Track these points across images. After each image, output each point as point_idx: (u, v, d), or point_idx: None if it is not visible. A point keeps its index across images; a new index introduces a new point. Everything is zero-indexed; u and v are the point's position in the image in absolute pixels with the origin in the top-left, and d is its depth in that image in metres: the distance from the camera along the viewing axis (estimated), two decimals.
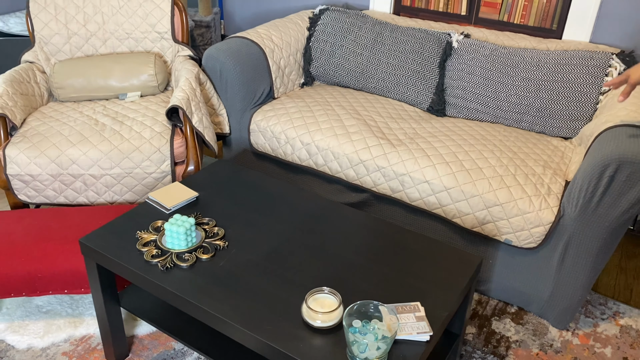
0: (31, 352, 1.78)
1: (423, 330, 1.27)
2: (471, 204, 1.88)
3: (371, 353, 1.17)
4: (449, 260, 1.51)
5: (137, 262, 1.46)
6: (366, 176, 2.06)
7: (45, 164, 2.00)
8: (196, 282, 1.40)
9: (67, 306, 1.95)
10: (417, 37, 2.41)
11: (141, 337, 1.86)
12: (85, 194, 2.07)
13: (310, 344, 1.24)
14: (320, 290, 1.32)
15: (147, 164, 2.05)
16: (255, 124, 2.28)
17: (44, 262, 1.75)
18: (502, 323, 1.97)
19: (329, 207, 1.71)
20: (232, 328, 1.30)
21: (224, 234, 1.57)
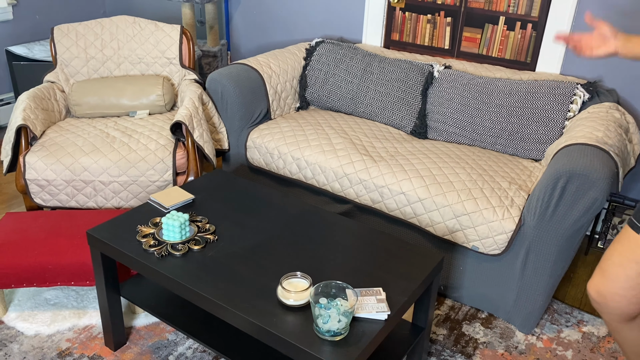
0: (38, 338, 1.96)
1: (382, 310, 1.44)
2: (442, 213, 2.06)
3: (333, 324, 1.34)
4: (413, 256, 1.69)
5: (137, 251, 1.65)
6: (350, 188, 2.26)
7: (60, 170, 2.22)
8: (188, 268, 1.59)
9: (72, 300, 2.14)
10: (402, 67, 2.65)
11: (138, 328, 2.03)
12: (95, 199, 2.29)
13: (284, 320, 1.42)
14: (294, 274, 1.51)
15: (151, 173, 2.27)
16: (252, 141, 2.50)
17: (54, 256, 1.95)
18: (472, 327, 2.12)
19: (310, 210, 1.90)
20: (217, 307, 1.48)
21: (215, 230, 1.76)
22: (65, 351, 1.91)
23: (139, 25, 2.71)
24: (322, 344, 1.35)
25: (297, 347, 1.35)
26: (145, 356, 1.91)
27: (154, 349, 1.94)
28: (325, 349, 1.34)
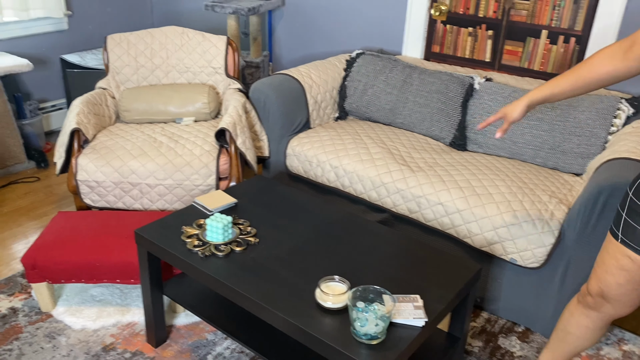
0: (84, 332, 2.04)
1: (419, 317, 1.46)
2: (480, 225, 2.06)
3: (370, 328, 1.37)
4: (451, 266, 1.70)
5: (182, 250, 1.72)
6: (387, 197, 2.28)
7: (109, 172, 2.32)
8: (230, 268, 1.65)
9: (117, 297, 2.22)
10: (442, 79, 2.67)
11: (179, 327, 2.10)
12: (141, 201, 2.38)
13: (321, 321, 1.45)
14: (332, 278, 1.54)
15: (195, 177, 2.35)
16: (292, 149, 2.56)
17: (102, 254, 2.04)
18: (509, 340, 2.10)
19: (347, 217, 1.94)
20: (257, 306, 1.53)
21: (256, 233, 1.82)
22: (110, 346, 1.98)
23: (187, 36, 2.82)
24: (359, 347, 1.38)
25: (334, 348, 1.38)
26: (184, 354, 1.97)
27: (193, 348, 2.00)
28: (362, 351, 1.37)
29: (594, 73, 1.40)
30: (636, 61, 1.33)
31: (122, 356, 1.94)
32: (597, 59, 1.40)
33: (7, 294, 2.22)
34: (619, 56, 1.36)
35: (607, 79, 1.40)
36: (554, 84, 1.48)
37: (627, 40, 1.35)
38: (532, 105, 1.54)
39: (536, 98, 1.52)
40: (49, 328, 2.05)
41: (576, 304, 1.60)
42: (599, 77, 1.40)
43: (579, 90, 1.45)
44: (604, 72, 1.39)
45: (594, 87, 1.43)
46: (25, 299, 2.19)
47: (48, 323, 2.07)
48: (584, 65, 1.43)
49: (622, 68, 1.36)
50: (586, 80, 1.42)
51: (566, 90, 1.47)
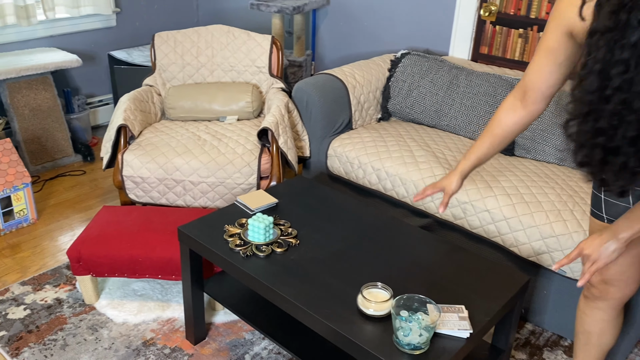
0: (126, 326, 2.07)
1: (464, 328, 1.41)
2: (528, 234, 1.99)
3: (414, 338, 1.33)
4: (497, 276, 1.65)
5: (223, 249, 1.72)
6: (430, 202, 2.23)
7: (154, 168, 2.35)
8: (270, 269, 1.63)
9: (157, 292, 2.25)
10: (490, 81, 2.59)
11: (217, 324, 2.10)
12: (184, 198, 2.40)
13: (363, 328, 1.43)
14: (375, 285, 1.51)
15: (237, 176, 2.35)
16: (333, 150, 2.54)
17: (145, 249, 2.06)
18: (554, 354, 2.03)
19: (390, 221, 1.90)
20: (297, 309, 1.51)
21: (297, 234, 1.80)
22: (150, 341, 2.01)
23: (233, 35, 2.83)
24: (401, 357, 1.35)
25: (376, 357, 1.35)
26: (222, 353, 1.97)
27: (231, 347, 2.00)
28: None
29: (504, 126, 1.48)
30: (535, 104, 1.43)
31: (162, 352, 1.96)
32: (501, 114, 1.49)
33: (53, 284, 2.27)
34: (519, 106, 1.45)
35: (517, 128, 1.48)
36: (476, 149, 1.55)
37: (519, 89, 1.44)
38: (464, 174, 1.59)
39: (466, 168, 1.58)
40: (92, 320, 2.09)
41: (585, 302, 1.63)
42: (509, 128, 1.48)
43: (498, 147, 1.53)
44: (512, 123, 1.47)
45: (509, 138, 1.51)
46: (70, 290, 2.24)
47: (91, 315, 2.11)
48: (492, 123, 1.51)
49: (525, 115, 1.45)
50: (500, 135, 1.50)
51: (488, 151, 1.54)
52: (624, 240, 1.33)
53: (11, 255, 2.47)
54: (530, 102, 1.42)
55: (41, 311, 2.12)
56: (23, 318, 2.08)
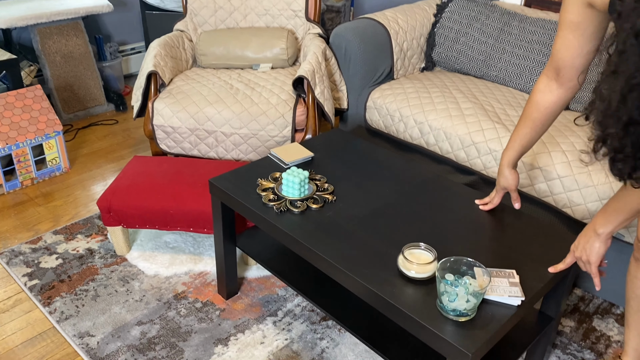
0: (157, 278, 2.04)
1: (515, 295, 1.30)
2: (584, 194, 1.84)
3: (460, 304, 1.23)
4: (551, 239, 1.51)
5: (256, 204, 1.63)
6: (477, 159, 2.09)
7: (185, 118, 2.26)
8: (306, 226, 1.54)
9: (190, 245, 2.20)
10: (546, 28, 2.38)
11: (250, 279, 2.05)
12: (216, 150, 2.31)
13: (403, 291, 1.33)
14: (417, 245, 1.40)
15: (271, 128, 2.24)
16: (372, 101, 2.39)
17: (176, 201, 2.00)
18: (605, 322, 1.90)
19: (434, 179, 1.77)
20: (333, 268, 1.42)
21: (333, 190, 1.70)
22: (181, 294, 1.97)
23: None
24: (445, 323, 1.25)
25: (417, 322, 1.26)
26: (255, 308, 1.92)
27: (263, 302, 1.94)
28: (448, 328, 1.24)
29: (542, 109, 1.41)
30: (571, 81, 1.35)
31: (193, 305, 1.92)
32: (537, 97, 1.41)
33: (85, 234, 2.25)
34: (554, 86, 1.38)
35: (557, 108, 1.40)
36: (518, 137, 1.49)
37: (551, 68, 1.36)
38: (513, 165, 1.55)
39: (512, 158, 1.53)
40: (123, 272, 2.06)
41: (636, 265, 1.50)
42: (548, 110, 1.41)
43: (541, 130, 1.46)
44: (550, 104, 1.40)
45: (551, 120, 1.44)
46: (102, 241, 2.22)
47: (122, 267, 2.08)
48: (530, 107, 1.44)
49: (563, 93, 1.37)
50: (539, 119, 1.43)
51: (531, 137, 1.48)
52: (604, 235, 1.31)
53: (44, 203, 2.45)
54: (566, 79, 1.35)
55: (73, 261, 2.10)
56: (55, 267, 2.07)
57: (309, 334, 1.82)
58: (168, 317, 1.87)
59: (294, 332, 1.83)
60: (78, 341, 1.76)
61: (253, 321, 1.87)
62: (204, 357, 1.73)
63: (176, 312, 1.89)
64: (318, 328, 1.85)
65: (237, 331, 1.82)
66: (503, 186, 1.59)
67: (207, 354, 1.73)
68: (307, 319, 1.88)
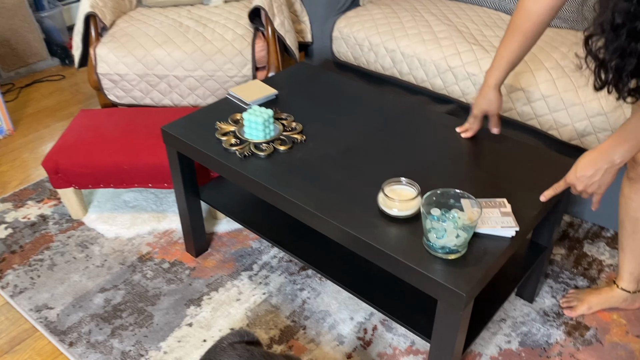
0: (118, 240, 1.87)
1: (508, 225, 1.17)
2: (571, 113, 1.71)
3: (449, 240, 1.10)
4: (540, 163, 1.39)
5: (216, 150, 1.46)
6: (454, 85, 1.93)
7: (132, 63, 2.04)
8: (274, 170, 1.38)
9: (152, 202, 2.03)
10: None
11: (220, 234, 1.90)
12: (170, 97, 2.11)
13: (386, 231, 1.19)
14: (398, 181, 1.26)
15: (229, 67, 2.04)
16: (338, 31, 2.19)
17: (129, 155, 1.81)
18: (596, 247, 1.82)
19: (410, 109, 1.62)
20: (308, 214, 1.28)
21: (302, 129, 1.53)
22: (146, 255, 1.81)
23: None
24: (434, 262, 1.12)
25: (403, 263, 1.13)
26: (228, 264, 1.78)
27: (237, 257, 1.81)
28: (438, 267, 1.11)
29: (534, 18, 1.27)
30: None
31: (160, 267, 1.77)
32: (529, 4, 1.26)
33: (36, 200, 2.06)
34: None
35: (551, 14, 1.26)
36: (505, 53, 1.33)
37: None
38: (499, 86, 1.40)
39: (499, 78, 1.38)
40: (80, 237, 1.89)
41: (629, 185, 1.41)
42: (541, 18, 1.26)
43: (531, 43, 1.32)
44: (544, 9, 1.25)
45: (541, 30, 1.29)
46: (55, 205, 2.03)
47: (80, 231, 1.91)
48: (519, 18, 1.29)
49: None
50: (531, 30, 1.29)
51: (519, 52, 1.33)
52: (620, 163, 1.15)
53: None
54: None
55: (24, 229, 1.92)
56: (5, 238, 1.88)
57: (288, 286, 1.70)
58: (133, 281, 1.72)
59: (272, 286, 1.70)
60: (35, 315, 1.61)
61: (227, 278, 1.73)
62: (176, 320, 1.59)
63: (142, 275, 1.74)
64: (297, 279, 1.73)
65: (210, 290, 1.69)
66: (483, 109, 1.44)
67: (178, 317, 1.60)
68: (285, 271, 1.75)
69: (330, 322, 1.58)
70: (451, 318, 1.13)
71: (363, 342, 1.53)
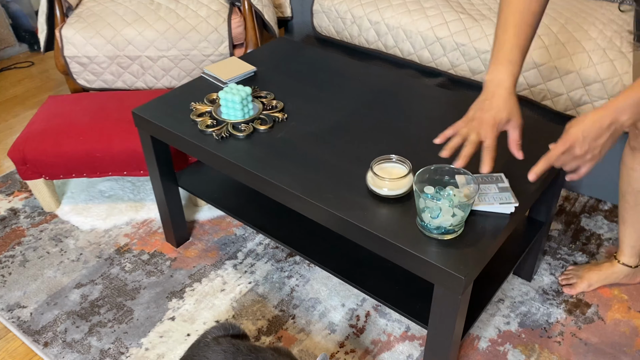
0: (94, 232, 1.77)
1: (507, 201, 1.09)
2: (565, 82, 1.63)
3: (445, 220, 1.02)
4: (537, 134, 1.31)
5: (192, 132, 1.36)
6: (443, 57, 1.84)
7: (101, 44, 1.92)
8: (254, 152, 1.29)
9: (128, 191, 1.92)
10: None
11: (202, 222, 1.81)
12: (143, 79, 1.99)
13: (376, 213, 1.11)
14: (388, 158, 1.17)
15: (204, 45, 1.93)
16: (319, 4, 2.08)
17: (102, 142, 1.70)
18: (593, 220, 1.76)
19: (397, 83, 1.53)
20: (291, 197, 1.19)
21: (283, 107, 1.44)
22: (124, 247, 1.72)
23: None
24: (429, 244, 1.04)
25: (395, 246, 1.05)
26: (210, 253, 1.69)
27: (220, 245, 1.72)
28: (433, 249, 1.03)
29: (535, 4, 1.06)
30: None
31: (139, 258, 1.68)
32: None
33: (6, 193, 1.94)
34: None
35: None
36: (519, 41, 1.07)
37: None
38: (515, 86, 1.09)
39: (516, 73, 1.08)
40: (54, 230, 1.78)
41: (631, 154, 1.32)
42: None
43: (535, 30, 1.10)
44: None
45: (538, 19, 1.09)
46: (26, 198, 1.92)
47: (53, 224, 1.80)
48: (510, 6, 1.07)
49: None
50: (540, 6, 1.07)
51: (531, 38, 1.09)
52: (626, 126, 1.00)
53: None
54: None
55: None
56: None
57: (275, 274, 1.62)
58: (111, 275, 1.62)
59: (258, 274, 1.62)
60: (7, 315, 1.51)
61: (210, 267, 1.64)
62: (157, 314, 1.51)
63: (120, 268, 1.64)
64: (285, 266, 1.64)
65: (192, 281, 1.60)
66: (503, 123, 1.06)
67: (160, 311, 1.51)
68: (271, 258, 1.67)
69: (320, 309, 1.51)
70: (449, 303, 1.05)
71: (356, 329, 1.45)
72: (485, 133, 1.05)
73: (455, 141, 1.07)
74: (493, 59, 1.10)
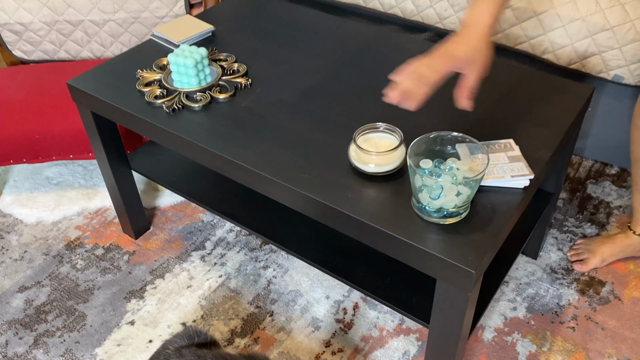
0: (41, 226, 1.55)
1: (520, 173, 0.90)
2: (569, 32, 1.43)
3: (448, 200, 0.83)
4: (548, 91, 1.11)
5: (138, 105, 1.13)
6: (429, 8, 1.62)
7: (36, 8, 1.66)
8: (212, 125, 1.07)
9: (79, 177, 1.70)
10: None
11: (163, 208, 1.59)
12: (89, 47, 1.74)
13: (362, 194, 0.91)
14: (374, 127, 0.97)
15: (156, 6, 1.68)
16: None
17: (41, 122, 1.47)
18: (601, 187, 1.58)
19: (379, 37, 1.31)
20: (260, 179, 0.98)
21: (246, 71, 1.22)
22: (75, 242, 1.50)
23: None
24: (428, 230, 0.85)
25: (387, 234, 0.86)
26: (174, 244, 1.48)
27: (185, 235, 1.51)
28: (434, 237, 0.84)
29: None
30: None
31: (93, 254, 1.46)
32: None
33: None
34: None
35: None
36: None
37: None
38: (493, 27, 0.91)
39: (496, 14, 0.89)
40: None
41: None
42: None
43: None
44: None
45: None
46: None
47: None
48: None
49: None
50: None
51: None
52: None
53: None
54: None
55: None
56: None
57: (249, 264, 1.42)
58: (61, 275, 1.41)
59: (230, 266, 1.42)
60: None
61: (174, 260, 1.44)
62: (114, 318, 1.30)
63: (71, 267, 1.43)
64: (259, 255, 1.45)
65: (154, 277, 1.40)
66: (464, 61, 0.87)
67: (117, 314, 1.31)
68: (244, 246, 1.47)
69: (302, 304, 1.32)
70: (456, 301, 0.87)
71: (343, 324, 1.27)
72: (436, 66, 0.85)
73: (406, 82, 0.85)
74: None
